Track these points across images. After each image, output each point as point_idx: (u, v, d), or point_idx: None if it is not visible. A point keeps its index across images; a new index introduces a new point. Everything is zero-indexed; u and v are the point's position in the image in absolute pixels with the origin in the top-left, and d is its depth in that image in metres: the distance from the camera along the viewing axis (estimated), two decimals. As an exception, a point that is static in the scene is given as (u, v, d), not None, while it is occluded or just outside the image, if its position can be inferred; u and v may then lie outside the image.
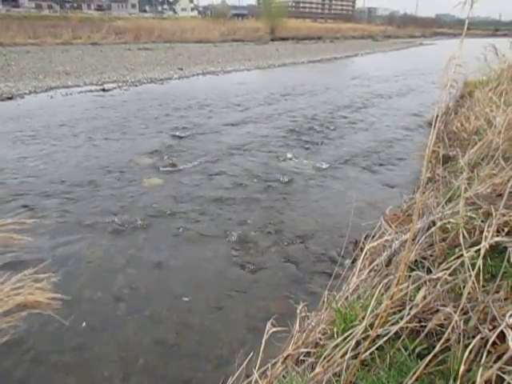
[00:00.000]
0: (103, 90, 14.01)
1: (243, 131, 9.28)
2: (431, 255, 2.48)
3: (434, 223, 2.58)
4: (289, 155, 7.49)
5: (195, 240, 4.55)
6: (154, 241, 4.51)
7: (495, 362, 1.46)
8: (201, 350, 3.02)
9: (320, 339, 2.15)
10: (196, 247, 4.42)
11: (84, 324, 3.21)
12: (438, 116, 1.71)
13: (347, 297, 2.44)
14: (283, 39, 43.04)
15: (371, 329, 1.71)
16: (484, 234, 1.77)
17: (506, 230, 2.42)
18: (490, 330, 1.58)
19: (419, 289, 1.85)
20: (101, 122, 9.73)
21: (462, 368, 1.48)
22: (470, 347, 1.52)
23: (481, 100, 7.03)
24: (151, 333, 3.17)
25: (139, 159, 7.11)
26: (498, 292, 1.84)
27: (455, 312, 1.63)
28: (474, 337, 1.59)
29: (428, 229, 2.58)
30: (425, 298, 1.81)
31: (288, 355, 2.15)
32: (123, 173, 6.46)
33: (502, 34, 64.01)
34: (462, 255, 1.77)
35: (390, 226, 3.22)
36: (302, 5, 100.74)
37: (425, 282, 1.89)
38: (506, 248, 2.01)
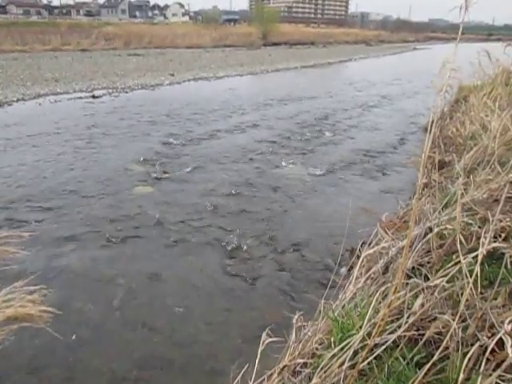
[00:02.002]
0: (93, 96, 14.00)
1: (236, 138, 9.30)
2: (428, 262, 2.49)
3: (430, 229, 2.60)
4: (284, 162, 7.52)
5: (188, 249, 4.53)
6: (145, 251, 4.49)
7: (494, 369, 1.46)
8: (195, 362, 3.00)
9: (317, 349, 2.15)
10: (189, 257, 4.40)
11: (75, 336, 3.18)
12: (433, 121, 1.73)
13: (344, 305, 2.44)
14: (276, 44, 43.37)
15: (369, 338, 1.71)
16: (481, 239, 1.78)
17: (502, 235, 2.45)
18: (488, 338, 1.60)
19: (417, 296, 1.86)
20: (91, 129, 9.70)
21: (461, 376, 1.49)
22: (469, 355, 1.53)
23: (476, 105, 7.11)
24: (143, 345, 3.14)
25: (130, 167, 7.10)
26: (495, 298, 1.86)
27: (453, 319, 1.64)
28: (472, 344, 1.60)
29: (425, 235, 2.60)
30: (422, 305, 1.82)
31: (284, 366, 2.14)
32: (114, 181, 6.44)
33: (496, 38, 64.93)
34: (459, 262, 1.79)
35: (387, 233, 3.23)
36: (294, 9, 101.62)
37: (422, 290, 1.90)
38: (503, 254, 2.04)
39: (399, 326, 1.75)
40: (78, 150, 8.06)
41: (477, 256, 1.69)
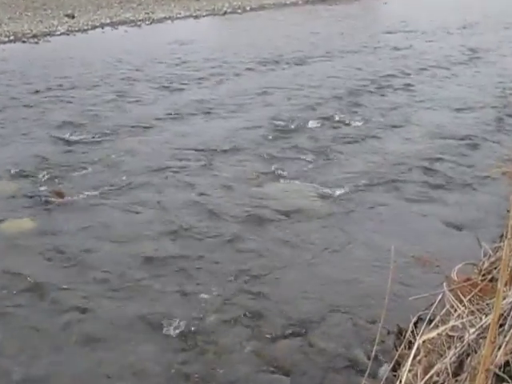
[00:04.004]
0: None
1: (188, 129, 9.34)
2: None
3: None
4: (276, 171, 7.54)
5: (101, 336, 4.49)
6: (21, 340, 4.43)
7: None
8: None
9: None
10: (103, 350, 4.35)
11: None
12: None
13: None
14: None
15: None
16: None
17: None
18: None
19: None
20: None
21: None
22: None
23: None
24: None
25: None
26: None
27: None
28: None
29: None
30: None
31: None
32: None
33: None
34: None
35: (461, 301, 3.26)
36: None
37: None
38: None
39: None
40: None
41: None
